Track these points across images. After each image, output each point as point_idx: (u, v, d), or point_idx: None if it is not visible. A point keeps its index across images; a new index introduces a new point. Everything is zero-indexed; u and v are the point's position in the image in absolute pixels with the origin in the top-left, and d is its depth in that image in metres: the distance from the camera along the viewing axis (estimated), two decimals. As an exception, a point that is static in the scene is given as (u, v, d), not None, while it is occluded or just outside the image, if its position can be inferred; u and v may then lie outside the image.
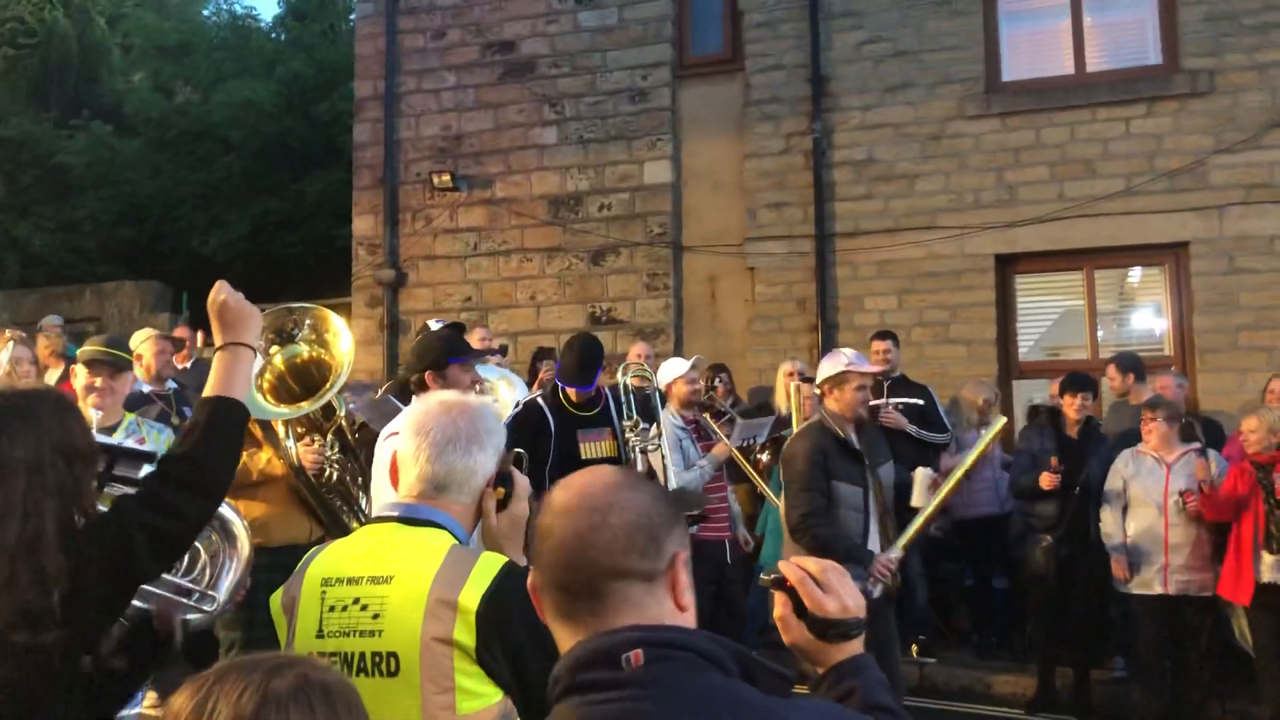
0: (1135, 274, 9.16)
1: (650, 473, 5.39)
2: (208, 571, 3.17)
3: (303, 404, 4.47)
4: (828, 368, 4.96)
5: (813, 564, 1.47)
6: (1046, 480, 6.17)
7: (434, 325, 6.27)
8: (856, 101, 9.19)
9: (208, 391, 2.21)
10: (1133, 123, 8.57)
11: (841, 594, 1.45)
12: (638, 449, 5.29)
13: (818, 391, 5.05)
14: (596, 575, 1.33)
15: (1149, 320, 9.07)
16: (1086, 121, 8.67)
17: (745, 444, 6.47)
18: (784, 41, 9.44)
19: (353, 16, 12.07)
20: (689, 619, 1.37)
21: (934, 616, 7.48)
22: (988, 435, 5.37)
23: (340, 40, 16.82)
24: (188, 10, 20.48)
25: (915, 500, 5.07)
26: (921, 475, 5.17)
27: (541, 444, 5.09)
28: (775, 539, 6.32)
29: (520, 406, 5.23)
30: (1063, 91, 8.81)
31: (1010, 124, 8.84)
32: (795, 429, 6.20)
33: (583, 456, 5.21)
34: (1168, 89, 8.50)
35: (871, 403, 7.06)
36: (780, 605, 1.48)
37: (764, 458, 6.56)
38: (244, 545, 3.34)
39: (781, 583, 1.48)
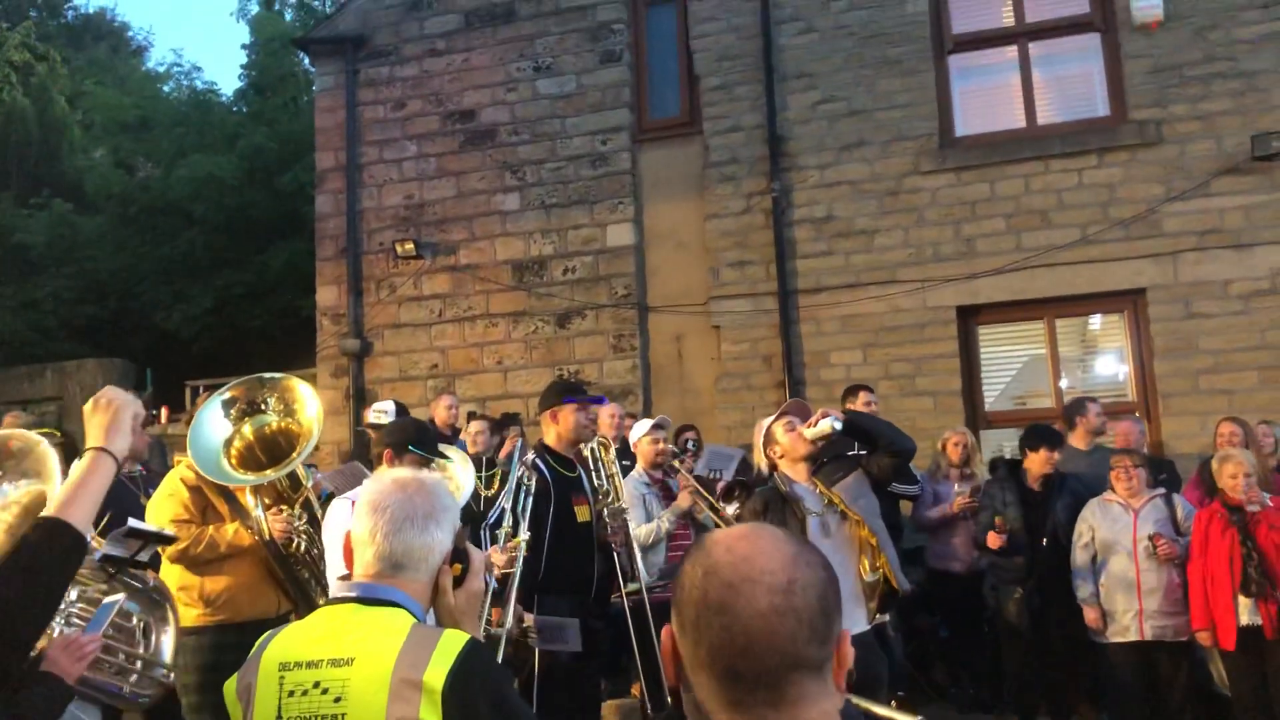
0: (1095, 321, 9.28)
1: (626, 538, 5.40)
2: (147, 642, 3.14)
3: (268, 471, 4.44)
4: (758, 436, 4.95)
5: None
6: (993, 540, 6.19)
7: (379, 411, 6.26)
8: (814, 160, 9.32)
9: (51, 507, 2.05)
10: (1085, 173, 8.73)
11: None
12: (613, 516, 5.30)
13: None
14: (776, 665, 1.19)
15: (1111, 366, 9.16)
16: (1040, 173, 8.83)
17: (712, 475, 6.48)
18: (740, 104, 9.58)
19: (314, 88, 12.15)
20: (840, 696, 1.28)
21: (911, 670, 7.42)
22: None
23: (301, 112, 16.94)
24: (148, 86, 20.56)
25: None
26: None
27: (543, 506, 5.04)
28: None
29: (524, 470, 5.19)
30: (1015, 144, 8.98)
31: (965, 178, 8.98)
32: None
33: (578, 520, 5.18)
34: (1117, 139, 8.68)
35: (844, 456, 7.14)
36: None
37: (730, 510, 6.50)
38: (171, 613, 3.33)
39: None
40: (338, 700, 1.95)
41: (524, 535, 4.69)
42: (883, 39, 9.25)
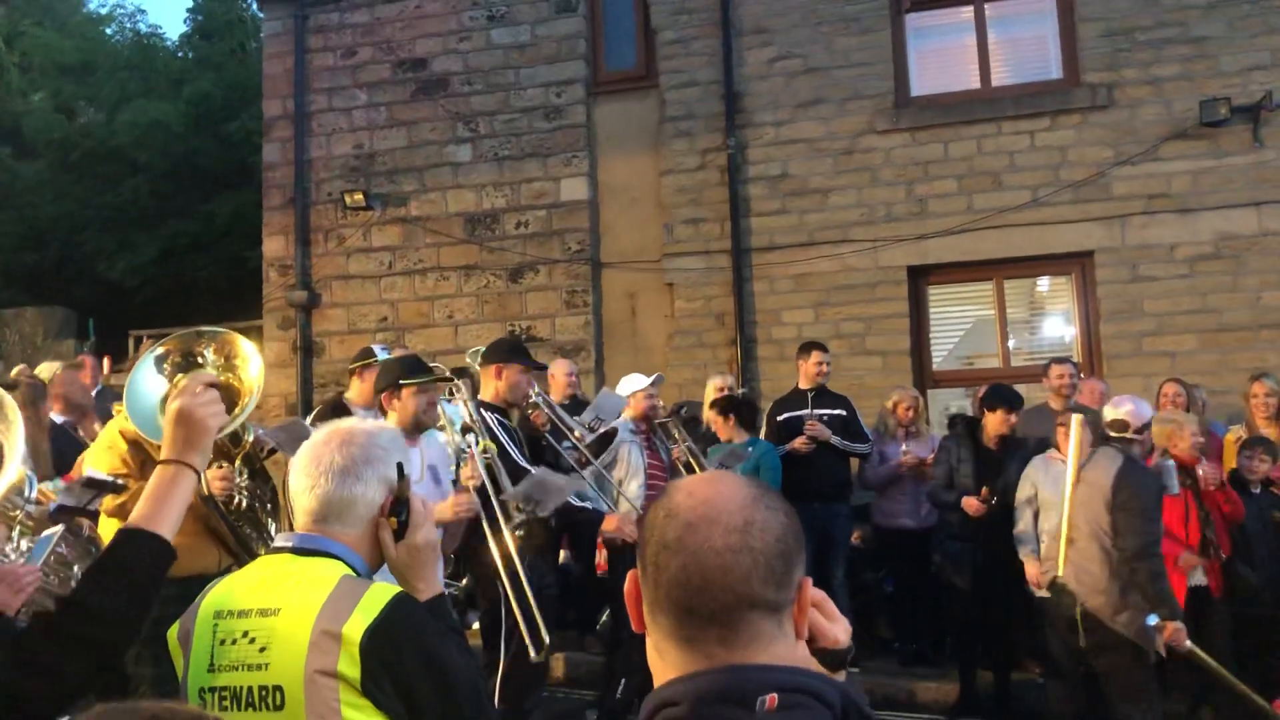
0: (1043, 283, 9.38)
1: None
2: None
3: None
4: (1146, 414, 5.28)
5: (810, 591, 1.35)
6: (972, 506, 6.24)
7: (377, 349, 6.21)
8: (769, 117, 9.29)
9: (132, 519, 1.97)
10: (1037, 136, 8.79)
11: (843, 621, 1.37)
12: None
13: (1129, 435, 5.24)
14: (730, 603, 1.22)
15: (1058, 328, 9.29)
16: (993, 135, 8.88)
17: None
18: (697, 58, 9.50)
19: (262, 34, 11.86)
20: (803, 646, 1.30)
21: (854, 625, 7.53)
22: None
23: (249, 59, 16.57)
24: (89, 28, 19.94)
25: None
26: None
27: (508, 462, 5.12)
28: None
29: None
30: (969, 106, 9.00)
31: (919, 138, 9.00)
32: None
33: None
34: (1070, 103, 8.74)
35: (796, 414, 7.20)
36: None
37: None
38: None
39: None
40: (263, 650, 1.94)
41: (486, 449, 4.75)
42: (841, -4, 9.21)
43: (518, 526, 4.72)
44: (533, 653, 4.64)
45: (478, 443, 4.90)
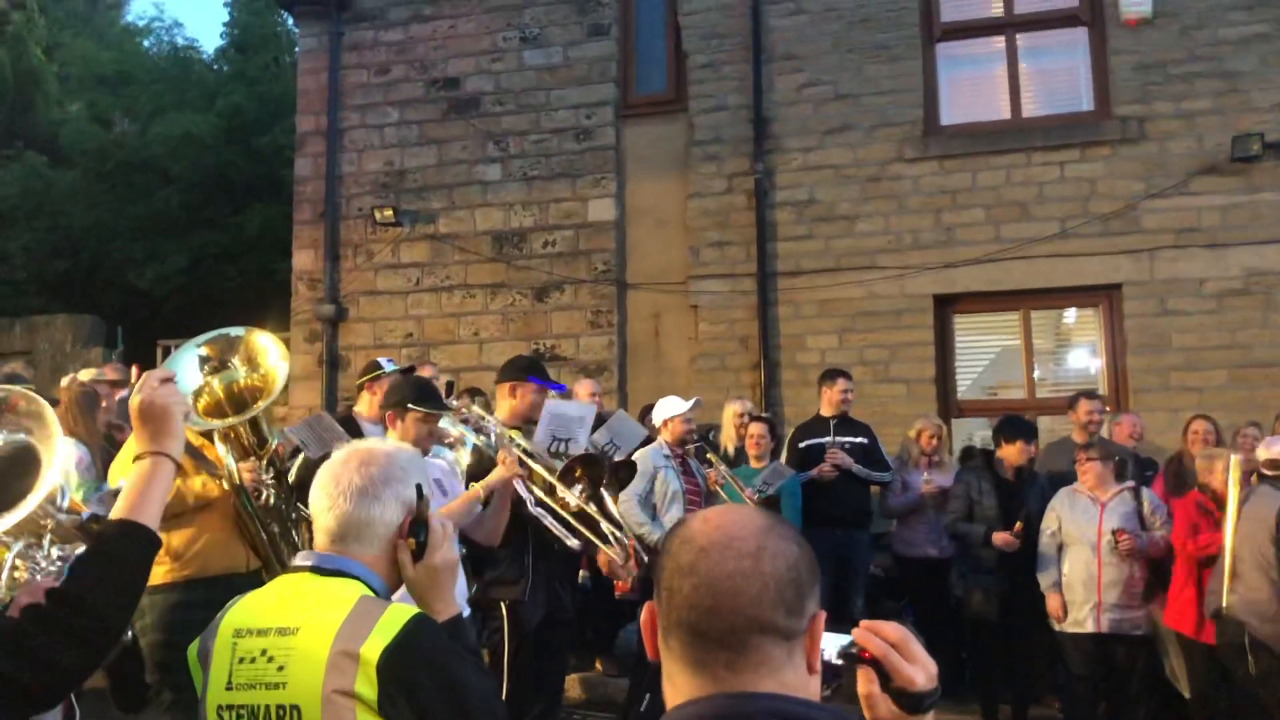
0: (1070, 315, 9.34)
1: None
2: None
3: (230, 418, 4.39)
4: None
5: (891, 630, 1.36)
6: (1004, 541, 6.21)
7: (384, 362, 6.22)
8: (797, 143, 9.31)
9: (115, 511, 2.00)
10: (1067, 167, 8.77)
11: (926, 662, 1.36)
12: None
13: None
14: (740, 626, 1.24)
15: (1084, 360, 9.24)
16: (1022, 165, 8.86)
17: (759, 494, 6.49)
18: (726, 83, 9.54)
19: (297, 50, 11.99)
20: (816, 681, 1.30)
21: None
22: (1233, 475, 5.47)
23: (283, 73, 16.73)
24: (127, 41, 20.21)
25: None
26: None
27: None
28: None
29: None
30: (999, 136, 8.99)
31: (948, 167, 9.00)
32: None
33: None
34: (1100, 135, 8.72)
35: (818, 442, 7.18)
36: (866, 681, 1.34)
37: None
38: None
39: (859, 656, 1.34)
40: (281, 669, 1.95)
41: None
42: (871, 24, 9.23)
43: (576, 482, 4.75)
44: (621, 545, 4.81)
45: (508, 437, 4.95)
